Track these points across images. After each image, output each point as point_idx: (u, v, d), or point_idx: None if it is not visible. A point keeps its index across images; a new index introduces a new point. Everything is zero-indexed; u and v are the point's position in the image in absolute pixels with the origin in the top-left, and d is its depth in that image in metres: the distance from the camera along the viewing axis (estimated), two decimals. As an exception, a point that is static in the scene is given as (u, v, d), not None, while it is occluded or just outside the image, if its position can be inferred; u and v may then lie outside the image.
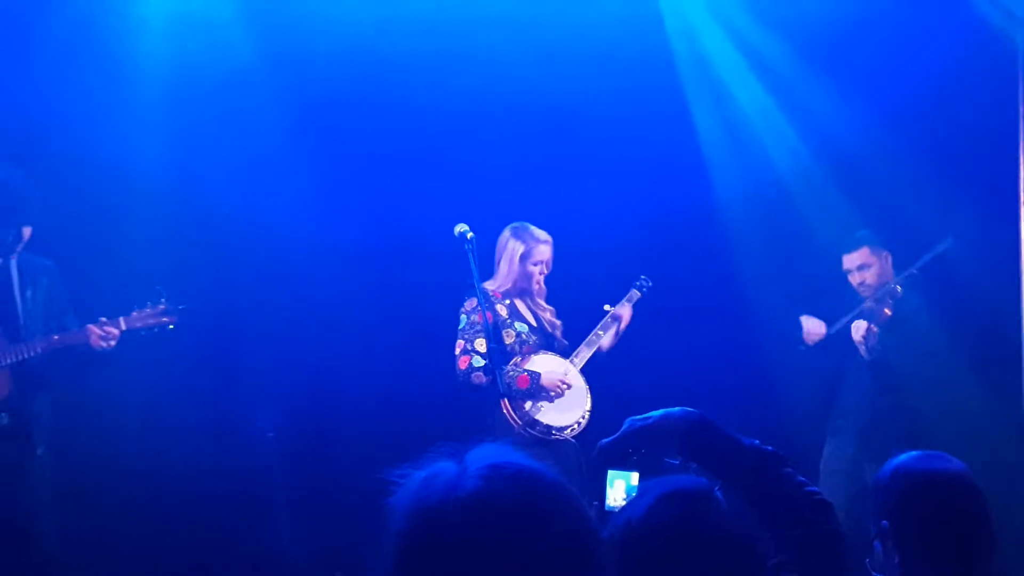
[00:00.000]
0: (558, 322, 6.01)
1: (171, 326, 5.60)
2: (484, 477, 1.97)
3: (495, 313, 5.74)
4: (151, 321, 5.58)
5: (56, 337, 5.48)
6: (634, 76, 6.62)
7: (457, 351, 5.64)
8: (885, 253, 6.38)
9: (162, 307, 5.59)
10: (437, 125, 6.66)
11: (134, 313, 5.58)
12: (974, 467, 3.14)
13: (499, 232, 6.03)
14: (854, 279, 6.42)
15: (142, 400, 6.29)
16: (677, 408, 2.81)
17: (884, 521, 3.07)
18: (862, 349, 6.26)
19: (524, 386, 5.67)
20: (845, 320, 6.35)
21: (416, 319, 6.57)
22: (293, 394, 6.58)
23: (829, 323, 6.44)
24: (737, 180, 6.91)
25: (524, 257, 5.86)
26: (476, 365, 5.61)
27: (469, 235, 5.49)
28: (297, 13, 6.47)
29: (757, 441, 2.81)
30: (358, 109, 6.62)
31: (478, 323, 5.70)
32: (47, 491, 5.58)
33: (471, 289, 5.73)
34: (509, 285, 5.88)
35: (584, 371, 5.91)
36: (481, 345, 5.67)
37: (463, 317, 5.70)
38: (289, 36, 6.50)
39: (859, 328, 6.25)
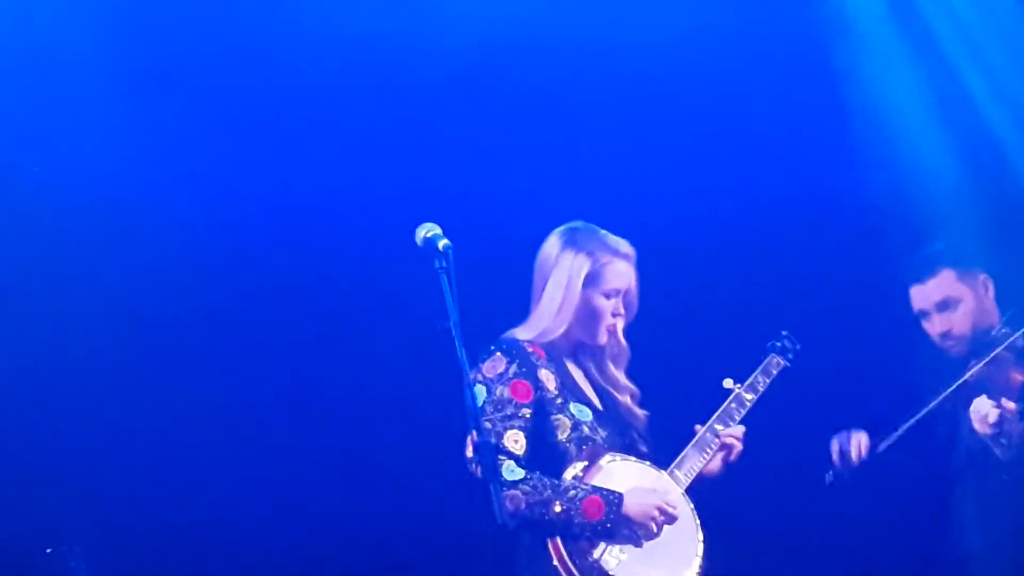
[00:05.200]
0: (641, 412, 4.48)
1: None
2: None
3: (538, 384, 4.26)
4: None
5: None
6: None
7: (470, 450, 4.03)
8: (983, 277, 4.75)
9: None
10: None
11: None
12: None
13: (503, 241, 4.95)
14: (933, 326, 4.72)
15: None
16: None
17: None
18: (995, 446, 4.47)
19: (595, 516, 4.18)
20: (924, 412, 4.59)
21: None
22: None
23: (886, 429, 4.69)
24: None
25: (591, 281, 4.35)
26: (510, 478, 4.09)
27: (443, 243, 3.93)
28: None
29: None
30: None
31: (511, 401, 4.25)
32: None
33: (503, 343, 4.30)
34: (558, 332, 4.36)
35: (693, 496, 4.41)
36: (517, 441, 4.20)
37: (480, 390, 4.22)
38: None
39: (982, 411, 4.39)
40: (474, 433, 3.81)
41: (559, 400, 4.23)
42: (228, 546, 5.29)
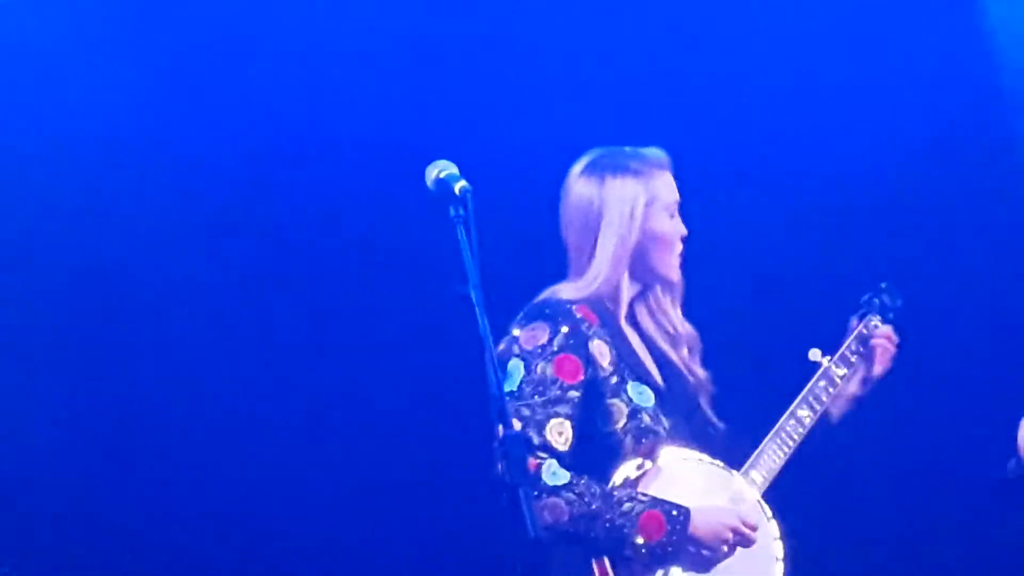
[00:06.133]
0: (702, 372, 3.93)
1: None
2: None
3: (589, 360, 3.72)
4: None
5: None
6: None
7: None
8: None
9: None
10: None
11: None
12: None
13: (534, 182, 4.35)
14: None
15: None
16: None
17: None
18: None
19: (655, 536, 3.64)
20: None
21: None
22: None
23: None
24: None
25: (651, 204, 3.90)
26: (551, 482, 3.56)
27: (459, 186, 3.46)
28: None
29: None
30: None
31: (555, 381, 3.69)
32: None
33: (546, 306, 3.75)
34: (620, 277, 3.86)
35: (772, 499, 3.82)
36: (561, 434, 3.64)
37: (516, 365, 3.68)
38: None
39: None
40: (500, 426, 3.17)
41: (615, 379, 3.68)
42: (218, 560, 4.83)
